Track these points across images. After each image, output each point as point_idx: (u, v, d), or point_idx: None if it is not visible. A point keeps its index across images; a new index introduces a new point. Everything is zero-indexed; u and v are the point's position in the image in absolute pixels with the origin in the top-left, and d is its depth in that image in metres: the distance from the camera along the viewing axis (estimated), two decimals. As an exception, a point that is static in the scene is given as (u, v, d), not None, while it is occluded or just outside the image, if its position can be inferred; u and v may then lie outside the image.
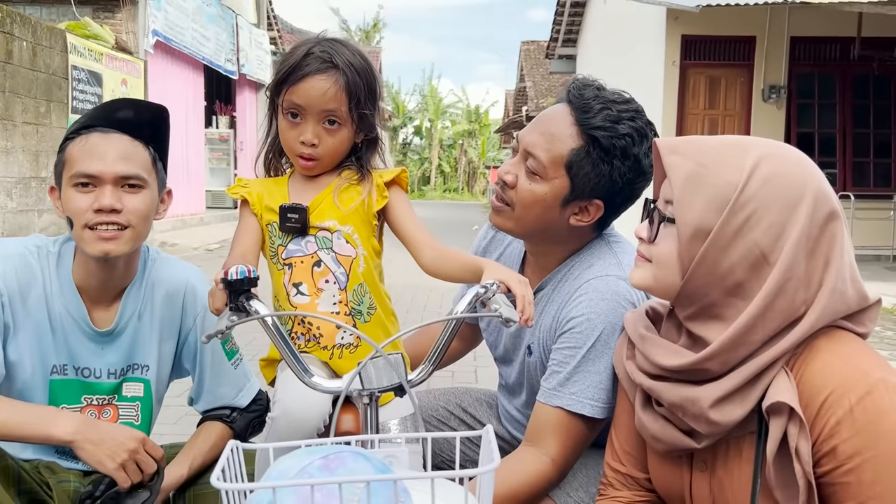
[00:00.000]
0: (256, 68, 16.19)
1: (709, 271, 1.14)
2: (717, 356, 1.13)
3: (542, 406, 1.56)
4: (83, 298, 1.62)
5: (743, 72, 11.10)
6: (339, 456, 0.94)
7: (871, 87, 10.98)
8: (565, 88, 1.62)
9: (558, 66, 18.96)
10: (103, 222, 1.52)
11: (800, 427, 1.05)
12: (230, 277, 1.17)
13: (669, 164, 1.17)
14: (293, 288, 1.49)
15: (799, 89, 11.13)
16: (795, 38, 10.86)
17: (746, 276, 1.12)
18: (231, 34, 14.63)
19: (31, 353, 1.59)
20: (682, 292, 1.18)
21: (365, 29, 39.96)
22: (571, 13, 16.76)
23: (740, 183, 1.12)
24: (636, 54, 12.27)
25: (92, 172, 1.52)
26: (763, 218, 1.11)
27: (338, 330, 1.47)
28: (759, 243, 1.11)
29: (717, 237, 1.12)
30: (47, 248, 1.63)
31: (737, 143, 1.19)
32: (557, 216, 1.58)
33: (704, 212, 1.13)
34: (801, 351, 1.12)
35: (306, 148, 1.49)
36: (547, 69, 23.66)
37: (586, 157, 1.53)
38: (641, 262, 1.25)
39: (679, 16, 10.53)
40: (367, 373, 1.13)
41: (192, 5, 12.59)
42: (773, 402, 1.07)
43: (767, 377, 1.11)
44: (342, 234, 1.50)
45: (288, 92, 1.48)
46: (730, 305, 1.14)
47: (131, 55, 10.29)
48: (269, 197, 1.53)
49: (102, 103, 1.71)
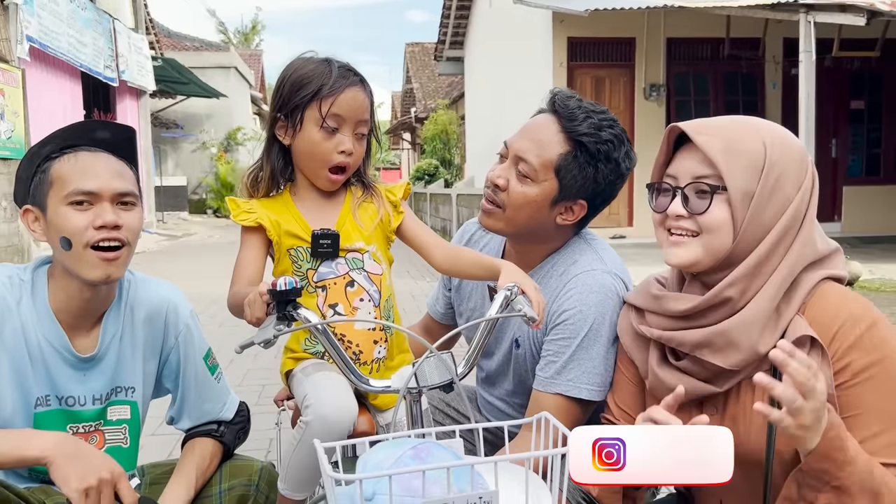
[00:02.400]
0: (137, 74, 15.54)
1: (755, 228, 1.32)
2: (738, 282, 1.32)
3: (540, 394, 1.69)
4: (62, 325, 1.57)
5: (625, 72, 11.73)
6: (425, 446, 1.03)
7: (741, 83, 11.85)
8: (548, 100, 1.77)
9: (447, 68, 19.28)
10: (106, 238, 1.50)
11: (822, 356, 1.25)
12: (279, 288, 1.22)
13: (702, 142, 1.33)
14: (329, 309, 1.53)
15: (676, 87, 11.86)
16: (671, 39, 11.58)
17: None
18: (109, 39, 13.99)
19: (12, 388, 1.54)
20: (731, 253, 1.34)
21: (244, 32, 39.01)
22: (457, 16, 17.09)
23: (765, 150, 1.32)
24: (524, 56, 12.68)
25: (91, 189, 1.50)
26: (789, 176, 1.33)
27: (375, 345, 1.54)
28: (789, 197, 1.33)
29: (759, 197, 1.31)
30: (19, 276, 1.58)
31: (742, 120, 1.40)
32: (545, 216, 1.72)
33: (746, 177, 1.31)
34: (808, 299, 1.33)
35: (344, 157, 1.53)
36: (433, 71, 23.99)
37: (574, 161, 1.68)
38: (684, 240, 1.37)
39: (564, 19, 10.98)
40: (421, 371, 1.23)
41: (66, 9, 11.96)
42: (797, 337, 1.26)
43: (785, 318, 1.31)
44: (370, 254, 1.57)
45: (329, 105, 1.50)
46: None
47: (7, 63, 9.68)
48: (284, 222, 1.55)
49: (75, 124, 1.66)
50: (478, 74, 16.89)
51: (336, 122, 1.52)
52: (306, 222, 1.56)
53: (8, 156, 9.37)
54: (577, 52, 11.53)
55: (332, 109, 1.51)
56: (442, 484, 0.97)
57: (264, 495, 1.70)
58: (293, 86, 1.54)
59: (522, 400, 1.83)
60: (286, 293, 1.22)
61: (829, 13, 8.61)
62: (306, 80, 1.53)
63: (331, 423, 1.40)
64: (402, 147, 35.42)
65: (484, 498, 0.94)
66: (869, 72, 11.90)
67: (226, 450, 1.74)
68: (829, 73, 10.67)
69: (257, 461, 1.77)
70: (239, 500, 1.69)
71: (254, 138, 25.01)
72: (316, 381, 1.46)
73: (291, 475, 1.50)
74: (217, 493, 1.69)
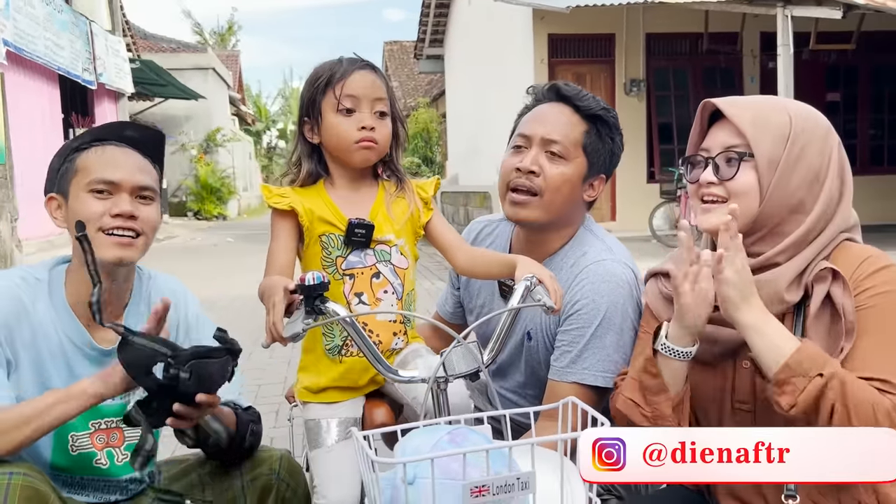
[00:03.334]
0: (115, 77, 15.40)
1: (781, 193, 1.42)
2: (787, 251, 1.44)
3: (556, 383, 1.73)
4: (81, 321, 1.60)
5: (606, 67, 11.80)
6: (459, 432, 1.07)
7: (719, 78, 11.96)
8: (545, 91, 1.87)
9: (427, 66, 19.30)
10: (120, 227, 1.55)
11: (844, 287, 1.36)
12: (307, 282, 1.25)
13: (733, 114, 1.45)
14: (355, 297, 1.58)
15: (656, 82, 11.96)
16: (650, 34, 11.67)
17: (805, 194, 1.43)
18: (86, 42, 13.85)
19: (34, 387, 1.56)
20: (759, 217, 1.44)
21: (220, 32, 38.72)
22: (437, 13, 17.09)
23: (790, 121, 1.43)
24: (505, 53, 12.73)
25: (113, 179, 1.56)
26: (813, 145, 1.43)
27: (394, 336, 1.59)
28: (813, 166, 1.43)
29: (785, 163, 1.42)
30: (34, 276, 1.61)
31: (770, 97, 1.55)
32: (577, 194, 1.81)
33: (772, 145, 1.42)
34: (833, 251, 1.45)
35: (366, 132, 1.58)
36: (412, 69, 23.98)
37: (596, 136, 1.80)
38: (715, 206, 1.47)
39: (545, 16, 11.04)
40: (448, 360, 1.26)
41: (42, 12, 11.82)
42: (819, 271, 1.39)
43: (813, 265, 1.42)
44: (398, 247, 1.62)
45: (341, 88, 1.57)
46: (791, 221, 1.44)
47: (-16, 67, 9.57)
48: (317, 208, 1.60)
49: (107, 123, 1.77)
50: (458, 72, 16.92)
51: (351, 102, 1.58)
52: (340, 211, 1.60)
53: (-13, 160, 9.26)
54: (557, 49, 11.59)
55: (345, 91, 1.58)
56: (480, 467, 1.01)
57: (286, 483, 1.73)
58: (309, 85, 1.62)
59: (535, 391, 1.87)
60: (315, 287, 1.25)
61: (805, 7, 8.74)
62: (318, 74, 1.62)
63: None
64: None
65: (521, 479, 0.97)
66: (845, 64, 12.08)
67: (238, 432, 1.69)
68: (807, 65, 10.81)
69: (276, 450, 1.79)
70: (262, 490, 1.71)
71: (233, 139, 24.90)
72: (327, 472, 1.57)
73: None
74: (240, 486, 1.71)
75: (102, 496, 1.67)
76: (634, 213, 11.02)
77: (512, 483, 0.97)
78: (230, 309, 6.82)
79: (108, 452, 1.66)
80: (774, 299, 1.41)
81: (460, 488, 0.95)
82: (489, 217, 2.07)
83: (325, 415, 1.61)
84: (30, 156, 11.10)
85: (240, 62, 31.98)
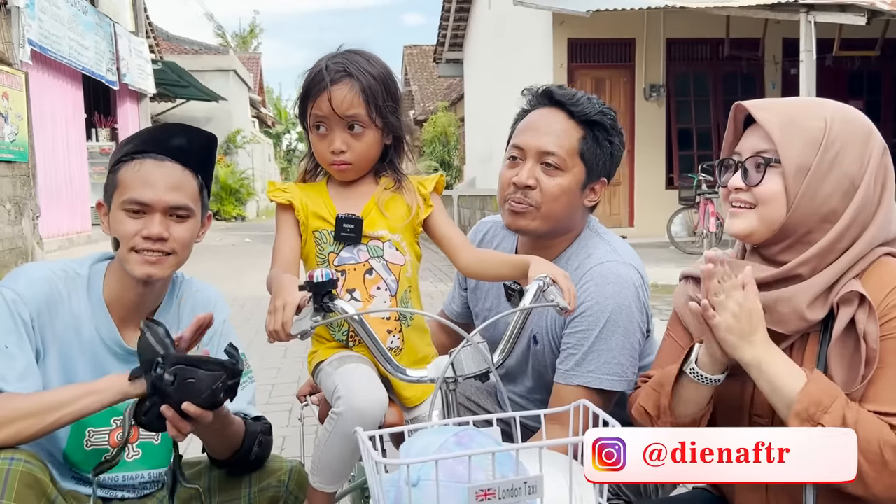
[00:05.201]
0: (138, 77, 15.53)
1: (810, 202, 1.36)
2: (810, 262, 1.37)
3: (561, 387, 1.71)
4: (113, 318, 1.63)
5: (625, 72, 11.75)
6: (466, 433, 1.05)
7: (740, 84, 11.87)
8: (542, 95, 1.82)
9: (446, 70, 19.31)
10: (149, 249, 1.56)
11: (869, 312, 1.30)
12: (316, 280, 1.24)
13: (762, 118, 1.39)
14: (347, 294, 1.56)
15: (676, 88, 11.89)
16: (671, 39, 11.61)
17: (839, 203, 1.36)
18: (110, 43, 13.98)
19: (59, 378, 1.58)
20: (785, 225, 1.38)
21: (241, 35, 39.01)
22: (457, 17, 17.10)
23: (826, 126, 1.36)
24: (524, 57, 12.70)
25: (144, 200, 1.56)
26: (849, 152, 1.36)
27: (388, 335, 1.57)
28: (849, 173, 1.36)
29: (815, 171, 1.35)
30: (75, 270, 1.64)
31: (807, 99, 1.48)
32: (577, 201, 1.78)
33: (803, 151, 1.36)
34: (866, 267, 1.37)
35: (336, 156, 1.57)
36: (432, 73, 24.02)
37: (593, 142, 1.75)
38: (742, 211, 1.43)
39: (564, 20, 11.00)
40: (458, 360, 1.24)
41: (67, 13, 11.95)
42: (845, 293, 1.32)
43: (843, 282, 1.35)
44: (393, 243, 1.59)
45: (312, 106, 1.57)
46: (821, 230, 1.37)
47: (10, 66, 9.69)
48: (313, 204, 1.59)
49: (156, 127, 1.75)
50: (477, 76, 16.91)
51: (320, 122, 1.57)
52: (333, 206, 1.60)
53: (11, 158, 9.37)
54: (577, 53, 11.56)
55: (314, 111, 1.57)
56: (486, 470, 0.99)
57: (294, 496, 1.71)
58: (298, 93, 1.62)
59: (542, 396, 1.84)
60: (323, 285, 1.25)
61: (829, 13, 8.64)
62: (302, 89, 1.61)
63: (363, 413, 1.42)
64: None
65: (529, 483, 0.96)
66: (869, 71, 11.95)
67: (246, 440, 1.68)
68: (829, 72, 10.69)
69: (286, 461, 1.78)
70: (270, 501, 1.70)
71: (252, 141, 25.05)
72: (345, 373, 1.49)
73: (324, 468, 1.51)
74: (247, 495, 1.70)
75: (110, 492, 1.68)
76: (653, 219, 10.95)
77: (519, 487, 0.95)
78: (245, 308, 6.85)
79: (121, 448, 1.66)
80: (794, 317, 1.36)
81: (465, 491, 0.94)
82: (495, 217, 2.02)
83: (350, 355, 1.57)
84: (52, 155, 11.25)
85: (261, 65, 32.17)
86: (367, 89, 1.55)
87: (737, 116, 1.48)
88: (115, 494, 1.68)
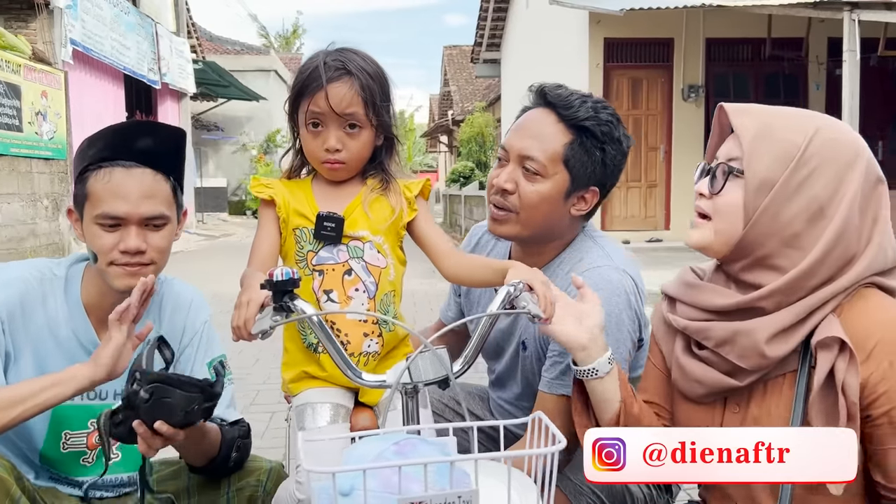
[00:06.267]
0: (178, 77, 15.83)
1: (770, 221, 1.25)
2: (772, 296, 1.25)
3: (545, 395, 1.64)
4: (91, 320, 1.60)
5: (663, 73, 11.55)
6: (409, 442, 1.00)
7: (782, 85, 11.58)
8: (535, 95, 1.74)
9: (483, 71, 19.24)
10: (128, 263, 1.53)
11: (849, 362, 1.16)
12: (275, 278, 1.20)
13: (738, 123, 1.28)
14: (324, 294, 1.52)
15: (715, 88, 11.62)
16: (710, 39, 11.37)
17: (804, 228, 1.24)
18: (151, 43, 14.26)
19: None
20: (741, 242, 1.28)
21: (285, 35, 39.44)
22: (494, 18, 17.03)
23: (804, 142, 1.24)
24: (560, 57, 12.58)
25: (118, 214, 1.52)
26: (823, 174, 1.23)
27: (365, 338, 1.52)
28: (819, 197, 1.23)
29: (781, 189, 1.23)
30: (52, 271, 1.61)
31: (798, 111, 1.33)
32: (561, 210, 1.68)
33: (771, 165, 1.24)
34: (847, 300, 1.24)
35: (331, 154, 1.52)
36: (471, 73, 23.95)
37: (580, 148, 1.65)
38: (700, 222, 1.34)
39: (601, 19, 10.86)
40: (415, 366, 1.19)
41: (109, 14, 12.22)
42: (824, 337, 1.19)
43: (816, 318, 1.23)
44: (374, 244, 1.55)
45: (308, 103, 1.52)
46: (785, 256, 1.25)
47: (50, 66, 9.93)
48: (295, 201, 1.55)
49: (120, 128, 1.64)
50: (514, 76, 16.81)
51: (317, 119, 1.53)
52: (315, 204, 1.56)
53: (50, 156, 9.61)
54: (613, 53, 11.39)
55: (311, 108, 1.52)
56: (423, 481, 0.94)
57: (271, 497, 1.68)
58: (292, 86, 1.57)
59: (530, 403, 1.77)
60: (283, 283, 1.20)
61: (874, 11, 8.36)
62: (297, 80, 1.56)
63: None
64: (439, 150, 35.43)
65: (463, 497, 0.90)
66: (917, 71, 11.55)
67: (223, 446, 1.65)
68: (874, 72, 10.35)
69: (266, 462, 1.75)
70: (248, 500, 1.67)
71: (292, 140, 25.31)
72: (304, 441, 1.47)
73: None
74: (225, 493, 1.68)
75: (89, 492, 1.66)
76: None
77: (452, 501, 0.90)
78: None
79: (99, 451, 1.65)
80: (752, 352, 1.25)
81: (394, 502, 0.89)
82: None
83: (316, 398, 1.55)
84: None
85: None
86: (365, 88, 1.52)
87: (719, 117, 1.36)
88: (95, 494, 1.67)
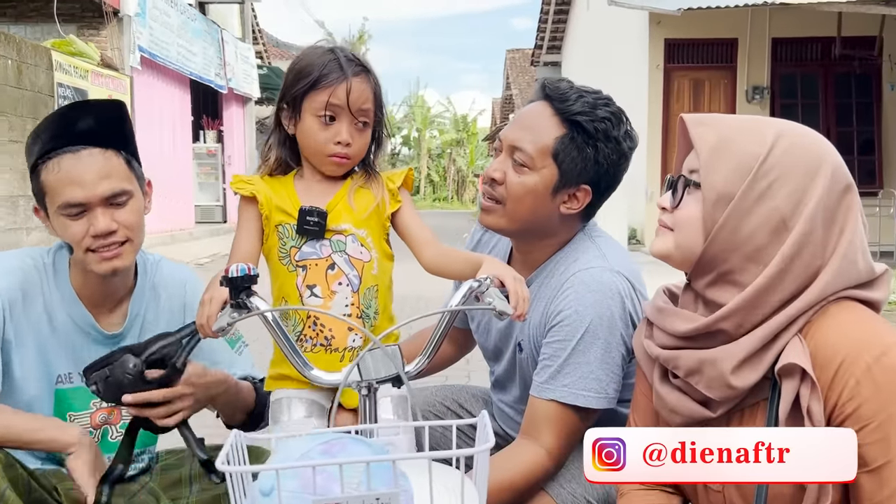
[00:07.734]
0: (243, 82, 16.21)
1: (730, 236, 1.19)
2: (732, 316, 1.18)
3: (535, 400, 1.59)
4: (84, 304, 1.63)
5: (726, 74, 11.22)
6: (339, 441, 0.96)
7: (854, 85, 11.11)
8: (538, 87, 1.70)
9: (544, 73, 19.07)
10: (103, 245, 1.53)
11: (811, 388, 1.11)
12: (231, 275, 1.19)
13: (696, 134, 1.23)
14: (307, 290, 1.50)
15: (782, 89, 11.25)
16: (777, 39, 11.00)
17: (766, 242, 1.18)
18: (218, 48, 14.65)
19: (37, 365, 1.60)
20: (702, 258, 1.23)
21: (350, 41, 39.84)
22: (555, 20, 16.91)
23: (763, 152, 1.18)
24: (620, 58, 12.38)
25: (78, 201, 1.51)
26: (784, 185, 1.17)
27: (350, 332, 1.49)
28: (780, 209, 1.17)
29: (740, 202, 1.18)
30: (42, 258, 1.64)
31: (758, 119, 1.28)
32: (548, 206, 1.63)
33: (729, 178, 1.19)
34: (813, 318, 1.17)
35: (341, 148, 1.49)
36: (532, 77, 23.82)
37: (571, 143, 1.59)
38: (663, 232, 1.30)
39: (661, 20, 10.64)
40: (365, 364, 1.16)
41: (177, 21, 12.60)
42: (784, 364, 1.13)
43: (781, 341, 1.16)
44: (356, 237, 1.52)
45: (327, 95, 1.48)
46: (747, 271, 1.19)
47: (117, 71, 10.30)
48: (278, 198, 1.53)
49: (58, 115, 1.61)
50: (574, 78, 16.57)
51: (333, 111, 1.48)
52: (298, 199, 1.53)
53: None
54: (674, 54, 11.14)
55: (331, 100, 1.47)
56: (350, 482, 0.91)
57: None
58: (296, 76, 1.52)
59: (528, 406, 1.73)
60: (239, 280, 1.19)
61: (951, 6, 7.94)
62: (307, 70, 1.50)
63: None
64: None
65: (382, 499, 0.86)
66: None
67: (259, 400, 1.71)
68: (954, 72, 9.85)
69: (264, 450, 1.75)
70: None
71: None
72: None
73: None
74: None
75: None
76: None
77: (370, 503, 0.86)
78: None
79: (104, 430, 1.69)
80: (719, 383, 1.18)
81: (311, 503, 0.86)
82: None
83: (292, 394, 1.53)
84: (159, 155, 11.87)
85: (367, 70, 32.87)
86: (377, 86, 1.53)
87: (681, 128, 1.30)
88: None
